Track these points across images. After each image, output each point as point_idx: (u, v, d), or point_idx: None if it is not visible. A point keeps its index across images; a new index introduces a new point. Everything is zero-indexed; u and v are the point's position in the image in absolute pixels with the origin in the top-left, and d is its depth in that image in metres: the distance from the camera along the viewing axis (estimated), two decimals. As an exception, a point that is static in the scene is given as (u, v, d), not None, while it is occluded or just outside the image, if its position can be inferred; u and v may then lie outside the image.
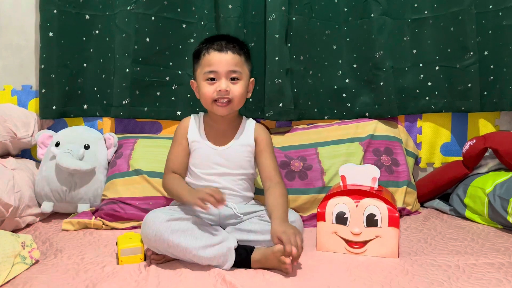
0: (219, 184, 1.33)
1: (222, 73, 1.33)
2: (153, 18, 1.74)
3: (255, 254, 1.14)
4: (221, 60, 1.33)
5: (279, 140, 1.69)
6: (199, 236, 1.12)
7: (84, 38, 1.78)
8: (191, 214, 1.22)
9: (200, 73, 1.35)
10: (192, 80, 1.44)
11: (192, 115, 1.45)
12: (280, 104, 1.73)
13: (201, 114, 1.45)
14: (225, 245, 1.13)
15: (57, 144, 1.60)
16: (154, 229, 1.12)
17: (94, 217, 1.52)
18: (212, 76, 1.33)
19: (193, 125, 1.41)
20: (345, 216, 1.25)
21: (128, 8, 1.71)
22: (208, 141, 1.38)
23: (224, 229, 1.25)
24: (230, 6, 1.71)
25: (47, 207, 1.55)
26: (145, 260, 1.18)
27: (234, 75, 1.34)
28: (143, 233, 1.15)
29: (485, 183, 1.50)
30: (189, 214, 1.21)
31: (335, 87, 1.84)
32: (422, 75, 1.83)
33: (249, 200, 1.40)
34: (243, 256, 1.14)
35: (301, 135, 1.72)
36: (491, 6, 1.76)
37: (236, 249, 1.14)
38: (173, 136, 1.43)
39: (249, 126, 1.43)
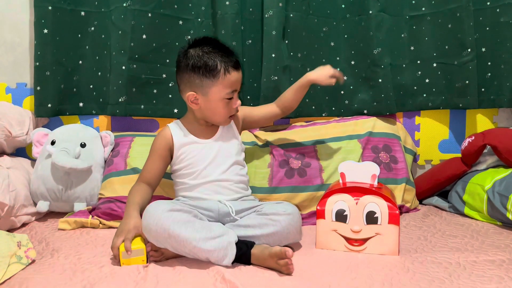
0: (215, 177, 1.33)
1: (238, 91, 1.36)
2: (149, 14, 1.73)
3: (254, 250, 1.13)
4: (239, 79, 1.35)
5: (277, 138, 1.68)
6: (200, 229, 1.12)
7: (79, 35, 1.76)
8: (192, 209, 1.21)
9: (219, 92, 1.31)
10: (192, 93, 1.33)
11: (168, 125, 1.40)
12: (277, 102, 1.72)
13: (178, 121, 1.42)
14: (225, 239, 1.12)
15: (53, 143, 1.58)
16: (156, 218, 1.11)
17: (91, 216, 1.50)
18: (232, 95, 1.34)
19: (176, 131, 1.38)
20: (344, 214, 1.24)
21: (124, 5, 1.69)
22: (197, 138, 1.37)
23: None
24: (227, 3, 1.70)
25: (43, 206, 1.54)
26: (147, 262, 1.16)
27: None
28: (144, 223, 1.14)
29: (484, 180, 1.50)
30: (189, 208, 1.20)
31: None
32: (419, 72, 1.82)
33: (245, 193, 1.39)
34: (243, 251, 1.13)
35: (299, 133, 1.71)
36: (488, 3, 1.76)
37: (236, 244, 1.13)
38: (152, 146, 1.38)
39: None
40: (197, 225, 1.13)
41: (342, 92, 1.83)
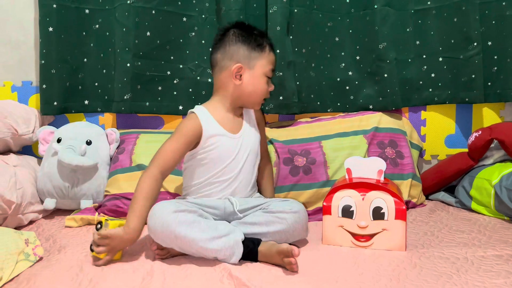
0: (234, 174, 1.32)
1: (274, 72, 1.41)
2: (153, 11, 1.72)
3: (261, 247, 1.13)
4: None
5: (282, 134, 1.67)
6: (206, 229, 1.11)
7: (84, 33, 1.76)
8: (197, 208, 1.21)
9: (264, 66, 1.34)
10: (239, 64, 1.31)
11: (195, 112, 1.32)
12: (281, 97, 1.71)
13: (202, 108, 1.35)
14: (232, 237, 1.12)
15: (59, 140, 1.59)
16: (161, 219, 1.11)
17: (97, 213, 1.50)
18: (271, 75, 1.37)
19: (206, 120, 1.30)
20: (351, 210, 1.24)
21: (128, 2, 1.69)
22: (226, 131, 1.33)
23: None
24: (231, -1, 1.69)
25: (50, 203, 1.54)
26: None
27: None
28: (150, 225, 1.13)
29: (491, 175, 1.49)
30: (194, 207, 1.20)
31: (338, 79, 1.82)
32: (425, 67, 1.81)
33: (254, 190, 1.40)
34: (250, 248, 1.13)
35: (305, 129, 1.70)
36: (494, -4, 1.74)
37: (242, 242, 1.13)
38: (177, 131, 1.29)
39: (249, 110, 1.43)
40: (203, 225, 1.12)
41: (347, 87, 1.82)
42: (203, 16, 1.78)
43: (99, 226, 1.16)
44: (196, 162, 1.32)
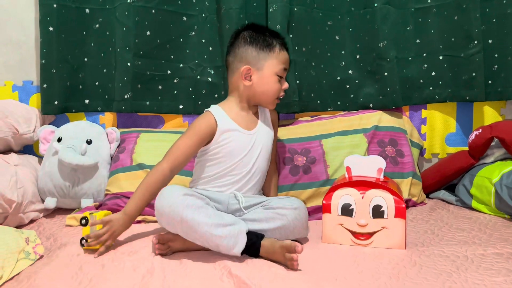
0: (246, 170, 1.33)
1: (288, 71, 1.40)
2: (153, 11, 1.73)
3: (265, 242, 1.14)
4: (289, 59, 1.40)
5: (283, 133, 1.67)
6: (212, 215, 1.13)
7: (84, 32, 1.76)
8: (203, 197, 1.22)
9: (273, 66, 1.34)
10: (247, 66, 1.33)
11: (210, 110, 1.35)
12: (281, 96, 1.72)
13: (217, 106, 1.37)
14: (237, 227, 1.13)
15: (59, 140, 1.59)
16: (170, 201, 1.13)
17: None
18: (283, 75, 1.37)
19: (220, 117, 1.33)
20: (351, 208, 1.24)
21: (128, 1, 1.69)
22: (240, 127, 1.35)
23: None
24: (231, -3, 1.69)
25: (51, 202, 1.55)
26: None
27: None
28: (158, 206, 1.15)
29: (492, 173, 1.49)
30: (202, 196, 1.21)
31: (338, 78, 1.82)
32: (426, 65, 1.81)
33: (259, 192, 1.41)
34: (254, 241, 1.13)
35: (305, 127, 1.70)
36: (495, -6, 1.74)
37: (246, 234, 1.13)
38: (190, 128, 1.31)
39: (264, 109, 1.45)
40: (210, 211, 1.14)
41: (347, 86, 1.82)
42: (203, 15, 1.78)
43: (84, 221, 1.20)
44: (209, 157, 1.34)
